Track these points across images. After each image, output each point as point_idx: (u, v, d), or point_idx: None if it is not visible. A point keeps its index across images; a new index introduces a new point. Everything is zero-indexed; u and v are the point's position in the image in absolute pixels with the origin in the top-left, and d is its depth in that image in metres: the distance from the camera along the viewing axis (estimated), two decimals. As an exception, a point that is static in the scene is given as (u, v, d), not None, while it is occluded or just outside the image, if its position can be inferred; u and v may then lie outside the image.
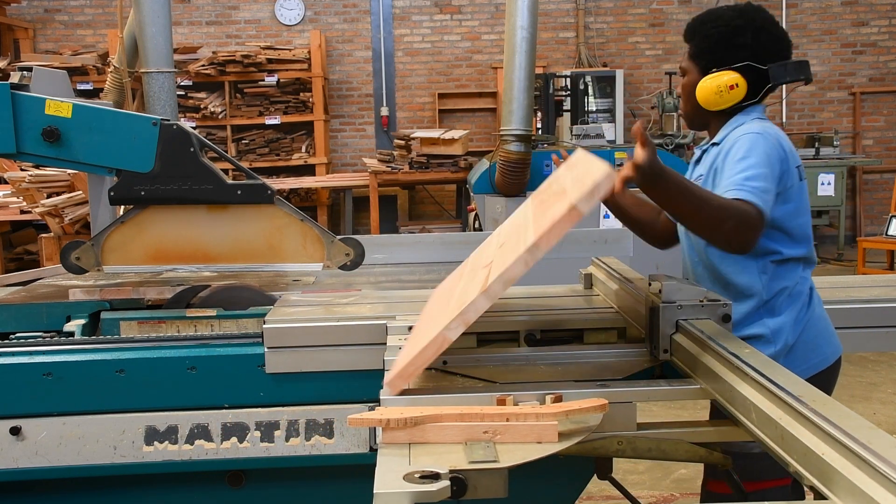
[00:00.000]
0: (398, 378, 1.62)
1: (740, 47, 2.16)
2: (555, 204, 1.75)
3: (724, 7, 2.25)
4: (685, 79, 2.26)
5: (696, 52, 2.22)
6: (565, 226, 1.54)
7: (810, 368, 2.15)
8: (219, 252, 2.64)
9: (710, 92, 2.17)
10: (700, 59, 2.22)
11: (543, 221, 1.65)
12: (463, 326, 1.57)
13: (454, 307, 1.69)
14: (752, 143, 2.05)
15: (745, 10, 2.21)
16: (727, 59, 2.17)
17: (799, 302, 2.16)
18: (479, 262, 2.04)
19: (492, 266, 1.76)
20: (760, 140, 2.06)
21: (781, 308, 2.14)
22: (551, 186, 2.13)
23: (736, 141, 2.10)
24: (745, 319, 2.14)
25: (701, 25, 2.23)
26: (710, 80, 2.17)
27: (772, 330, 2.12)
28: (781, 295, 2.14)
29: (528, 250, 1.55)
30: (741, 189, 1.95)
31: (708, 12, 2.24)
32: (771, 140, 2.08)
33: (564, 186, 1.86)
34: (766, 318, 2.14)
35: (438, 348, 1.59)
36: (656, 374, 1.94)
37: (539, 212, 1.86)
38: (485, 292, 1.58)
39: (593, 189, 1.52)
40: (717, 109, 2.20)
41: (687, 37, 2.26)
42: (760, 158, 2.02)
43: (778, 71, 2.16)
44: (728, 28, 2.18)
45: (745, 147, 2.05)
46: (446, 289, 2.18)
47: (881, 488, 1.06)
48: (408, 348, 1.81)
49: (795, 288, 2.16)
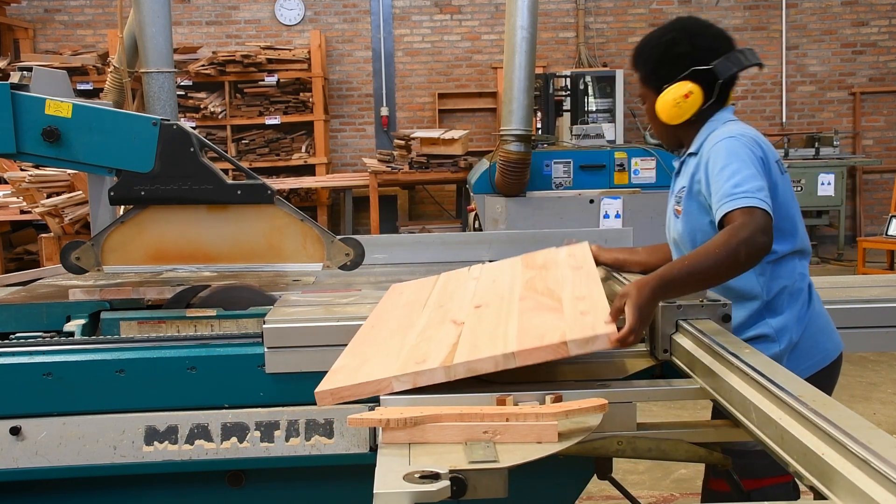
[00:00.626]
0: (331, 396, 1.62)
1: (680, 57, 2.20)
2: (546, 313, 1.78)
3: (655, 28, 2.32)
4: (646, 106, 2.32)
5: (644, 77, 2.29)
6: (549, 355, 1.59)
7: (814, 365, 2.15)
8: (219, 252, 2.64)
9: (669, 107, 2.21)
10: (650, 83, 2.27)
11: (529, 331, 1.68)
12: (411, 385, 1.60)
13: (410, 355, 1.70)
14: (729, 149, 2.06)
15: (674, 24, 2.29)
16: (673, 73, 2.21)
17: (799, 300, 2.17)
18: (451, 306, 2.06)
19: (462, 333, 1.78)
20: (735, 143, 2.07)
21: (782, 307, 2.15)
22: (548, 271, 2.18)
23: (712, 149, 2.11)
24: (748, 321, 2.14)
25: (640, 52, 2.30)
26: (665, 96, 2.21)
27: (775, 329, 2.13)
28: (781, 294, 2.15)
29: (504, 356, 1.59)
30: (734, 199, 1.96)
31: (643, 38, 2.31)
32: (746, 140, 2.09)
33: (561, 294, 1.90)
34: (767, 318, 2.14)
35: (379, 390, 1.60)
36: (656, 374, 1.94)
37: (528, 306, 1.89)
38: (446, 368, 1.60)
39: (590, 340, 1.59)
40: (683, 121, 2.23)
41: (633, 67, 2.33)
42: (742, 161, 2.03)
43: (723, 65, 2.19)
44: (662, 44, 2.24)
45: (724, 155, 2.06)
46: (408, 303, 2.18)
47: (881, 488, 1.06)
48: (353, 356, 1.81)
49: (794, 286, 2.16)
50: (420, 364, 1.62)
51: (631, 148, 6.78)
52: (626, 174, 6.51)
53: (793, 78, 10.92)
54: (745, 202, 1.94)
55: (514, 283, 2.14)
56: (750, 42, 10.83)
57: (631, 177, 6.52)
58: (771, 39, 10.88)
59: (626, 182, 6.52)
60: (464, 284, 2.27)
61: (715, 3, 10.81)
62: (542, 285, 2.05)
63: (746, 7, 10.87)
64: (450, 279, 2.37)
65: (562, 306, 1.83)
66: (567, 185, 6.51)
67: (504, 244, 3.30)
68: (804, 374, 2.08)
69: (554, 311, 1.80)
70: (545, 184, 6.49)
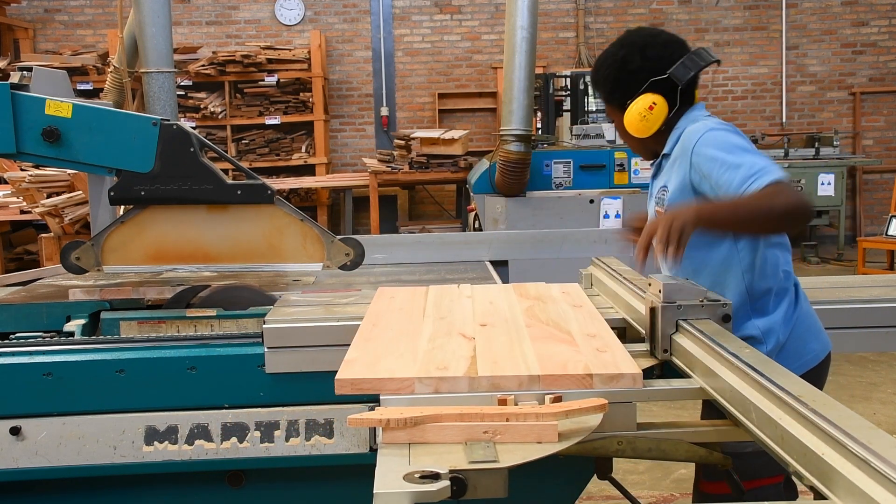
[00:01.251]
0: (350, 385, 1.62)
1: (635, 72, 2.23)
2: (559, 344, 1.81)
3: (607, 47, 2.34)
4: (615, 125, 2.36)
5: (606, 97, 2.32)
6: (573, 385, 1.60)
7: (802, 366, 2.15)
8: (219, 252, 2.64)
9: (636, 121, 2.24)
10: (613, 102, 2.30)
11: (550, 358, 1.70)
12: (433, 390, 1.60)
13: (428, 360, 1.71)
14: (721, 140, 2.08)
15: (623, 40, 2.30)
16: (632, 89, 2.24)
17: (786, 300, 2.17)
18: (452, 319, 2.07)
19: (476, 347, 1.80)
20: (721, 134, 2.10)
21: (769, 307, 2.15)
22: (545, 304, 2.22)
23: (699, 145, 2.10)
24: (734, 323, 2.14)
25: (597, 74, 2.33)
26: (630, 113, 2.24)
27: (762, 330, 2.13)
28: (767, 295, 2.15)
29: (529, 377, 1.61)
30: (755, 179, 1.96)
31: (597, 60, 2.35)
32: (730, 128, 2.14)
33: (569, 328, 1.94)
34: (754, 318, 2.14)
35: (401, 389, 1.60)
36: (656, 374, 1.94)
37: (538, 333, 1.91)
38: (471, 379, 1.61)
39: (615, 378, 1.61)
40: (653, 132, 2.25)
41: (594, 90, 2.44)
42: (739, 146, 2.05)
43: (679, 71, 2.20)
44: (616, 62, 2.26)
45: (720, 146, 2.07)
46: (403, 309, 2.18)
47: (881, 488, 1.06)
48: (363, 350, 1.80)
49: (780, 286, 2.17)
50: (443, 371, 1.63)
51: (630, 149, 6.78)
52: (626, 174, 6.51)
53: (793, 78, 10.92)
54: (767, 178, 1.95)
55: (514, 309, 2.16)
56: (750, 42, 10.84)
57: (631, 177, 6.52)
58: (771, 39, 10.88)
59: (626, 182, 6.52)
60: (459, 300, 2.28)
61: (715, 3, 10.81)
62: (545, 316, 2.07)
63: (746, 7, 10.87)
64: (442, 293, 2.38)
65: (573, 339, 1.84)
66: (567, 185, 6.51)
67: (504, 244, 3.30)
68: (797, 372, 2.09)
69: (566, 343, 1.82)
70: (545, 184, 6.49)
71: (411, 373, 1.62)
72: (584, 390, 1.60)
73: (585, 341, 1.83)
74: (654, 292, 1.93)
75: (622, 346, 1.79)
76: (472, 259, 3.28)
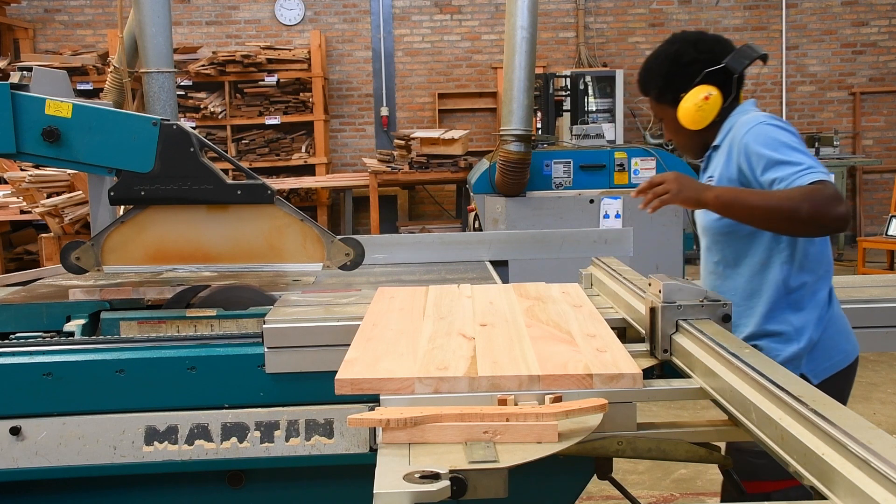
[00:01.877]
0: (350, 385, 1.62)
1: (689, 64, 2.26)
2: (560, 344, 1.82)
3: (654, 49, 2.37)
4: (665, 124, 2.36)
5: (658, 95, 2.33)
6: (573, 385, 1.61)
7: (833, 366, 2.16)
8: (219, 252, 2.64)
9: (692, 113, 2.25)
10: (666, 98, 2.31)
11: (550, 358, 1.70)
12: (433, 390, 1.60)
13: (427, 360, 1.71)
14: (771, 135, 2.10)
15: (674, 37, 2.35)
16: (687, 81, 2.26)
17: (821, 297, 2.18)
18: (452, 319, 2.07)
19: (476, 347, 1.80)
20: (773, 128, 2.11)
21: (804, 303, 2.15)
22: (545, 304, 2.21)
23: (749, 135, 2.13)
24: (769, 314, 2.15)
25: (648, 73, 2.35)
26: (686, 104, 2.25)
27: (795, 327, 2.13)
28: (803, 289, 2.15)
29: (529, 377, 1.61)
30: (799, 177, 2.00)
31: (645, 62, 2.37)
32: (782, 123, 2.14)
33: (569, 329, 1.93)
34: (788, 313, 2.14)
35: (401, 389, 1.60)
36: (656, 374, 1.94)
37: (538, 333, 1.91)
38: (471, 379, 1.61)
39: (615, 378, 1.61)
40: (708, 123, 2.26)
41: (644, 90, 2.38)
42: (787, 143, 2.07)
43: (734, 60, 2.24)
44: (669, 57, 2.29)
45: (769, 140, 2.09)
46: (403, 309, 2.19)
47: (881, 488, 1.06)
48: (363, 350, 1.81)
49: (817, 281, 2.18)
50: (443, 371, 1.62)
51: (631, 148, 6.78)
52: (626, 174, 6.51)
53: (793, 78, 10.92)
54: (810, 177, 1.99)
55: (514, 309, 2.16)
56: (750, 42, 10.83)
57: (631, 177, 6.51)
58: (771, 39, 10.88)
59: (626, 182, 6.51)
60: (459, 301, 2.28)
61: (715, 3, 10.81)
62: (545, 316, 2.07)
63: (746, 7, 10.87)
64: (442, 293, 2.38)
65: (573, 339, 1.84)
66: (567, 185, 6.50)
67: (504, 244, 3.30)
68: (824, 375, 2.10)
69: (566, 343, 1.82)
70: (545, 184, 6.48)
71: (411, 373, 1.62)
72: (584, 390, 1.60)
73: (585, 341, 1.83)
74: (654, 292, 1.93)
75: (622, 346, 1.79)
76: (472, 259, 3.27)
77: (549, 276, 2.64)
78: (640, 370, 1.65)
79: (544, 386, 1.59)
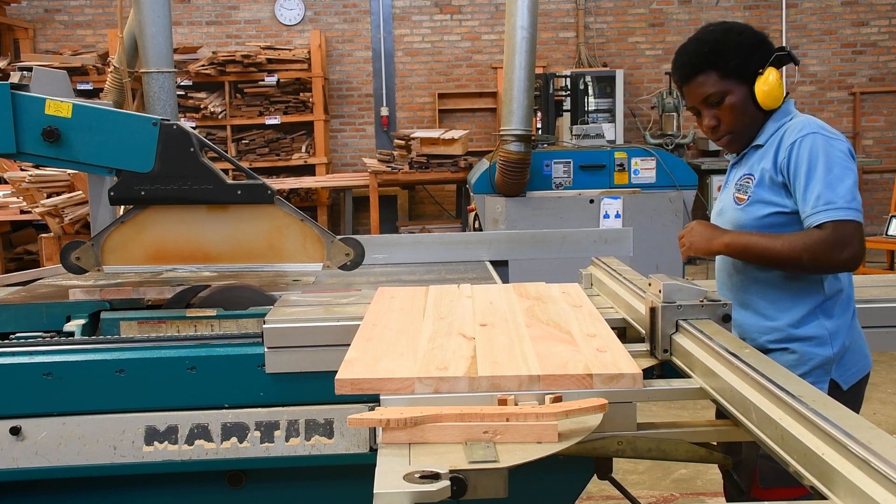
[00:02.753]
0: (350, 385, 1.62)
1: (763, 42, 2.20)
2: (559, 344, 1.82)
3: (711, 28, 2.26)
4: (730, 100, 2.17)
5: (731, 70, 2.16)
6: (573, 385, 1.61)
7: (859, 372, 2.17)
8: (219, 252, 2.64)
9: (774, 88, 2.15)
10: (739, 74, 2.17)
11: (550, 358, 1.70)
12: (433, 390, 1.60)
13: (428, 360, 1.71)
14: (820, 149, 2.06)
15: (725, 22, 2.27)
16: (765, 57, 2.17)
17: (850, 308, 2.20)
18: (452, 319, 2.07)
19: (476, 347, 1.80)
20: (825, 143, 2.07)
21: (835, 310, 2.15)
22: (545, 304, 2.21)
23: (801, 144, 2.08)
24: (804, 319, 2.14)
25: (722, 46, 2.17)
26: (769, 78, 2.15)
27: (829, 332, 2.13)
28: (838, 297, 2.16)
29: (529, 377, 1.61)
30: (828, 210, 2.00)
31: (711, 38, 2.20)
32: (834, 140, 2.09)
33: (569, 328, 1.94)
34: (823, 318, 2.13)
35: (401, 389, 1.61)
36: (656, 374, 1.94)
37: (538, 333, 1.92)
38: (471, 379, 1.61)
39: (615, 378, 1.61)
40: (780, 104, 2.19)
41: (710, 64, 2.17)
42: (831, 164, 2.03)
43: (783, 56, 2.19)
44: (747, 33, 2.20)
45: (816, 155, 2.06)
46: (403, 309, 2.19)
47: (881, 488, 1.06)
48: (363, 350, 1.81)
49: (846, 293, 2.19)
50: (443, 371, 1.63)
51: (631, 148, 6.78)
52: (626, 174, 6.51)
53: (793, 78, 10.92)
54: (838, 214, 1.99)
55: (514, 308, 2.16)
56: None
57: (631, 177, 6.52)
58: (771, 39, 10.88)
59: (626, 182, 6.52)
60: (459, 300, 2.28)
61: (715, 3, 10.81)
62: (545, 316, 2.07)
63: (746, 7, 10.87)
64: (442, 293, 2.38)
65: (573, 339, 1.84)
66: (567, 185, 6.51)
67: (504, 244, 3.30)
68: (851, 381, 2.11)
69: (566, 343, 1.82)
70: (545, 184, 6.49)
71: (411, 373, 1.63)
72: (584, 390, 1.60)
73: (585, 341, 1.83)
74: (654, 292, 1.93)
75: (622, 346, 1.79)
76: (472, 259, 3.27)
77: (549, 276, 2.64)
78: (640, 370, 1.65)
79: (544, 386, 1.59)
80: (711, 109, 2.20)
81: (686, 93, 2.24)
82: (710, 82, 2.17)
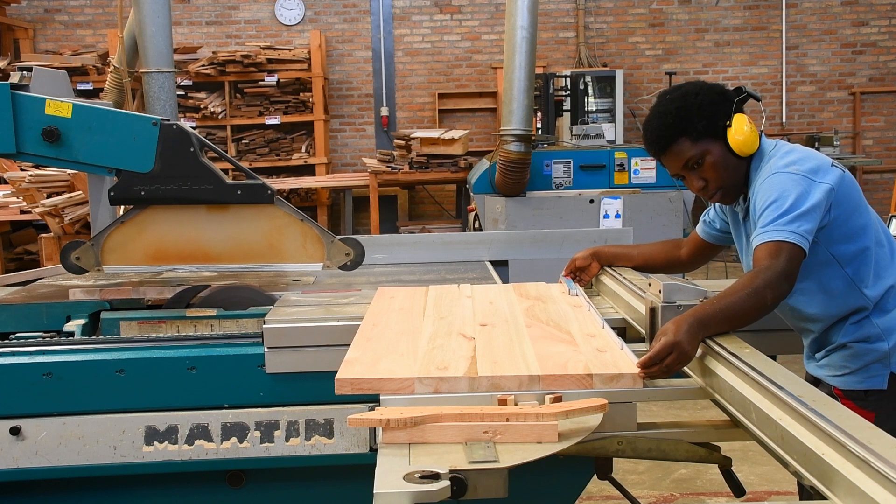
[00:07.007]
0: (350, 385, 1.62)
1: (722, 93, 2.20)
2: (559, 344, 1.82)
3: (666, 97, 2.24)
4: (709, 159, 2.16)
5: (700, 132, 2.16)
6: (573, 385, 1.61)
7: None
8: (219, 252, 2.64)
9: (748, 135, 2.15)
10: (709, 133, 2.17)
11: (549, 358, 1.70)
12: (433, 390, 1.61)
13: (428, 360, 1.71)
14: (775, 183, 2.05)
15: (678, 86, 2.26)
16: (727, 109, 2.17)
17: None
18: (452, 319, 2.08)
19: (476, 347, 1.80)
20: (780, 177, 2.06)
21: (888, 304, 2.12)
22: (545, 304, 2.21)
23: (760, 187, 2.09)
24: (852, 329, 2.12)
25: (684, 112, 2.17)
26: (739, 127, 2.15)
27: (882, 328, 2.10)
28: (890, 293, 2.12)
29: (529, 377, 1.61)
30: (766, 231, 1.97)
31: (670, 106, 2.19)
32: (787, 169, 2.07)
33: (569, 329, 1.92)
34: (875, 318, 2.11)
35: (401, 389, 1.60)
36: (656, 374, 1.94)
37: (538, 333, 1.92)
38: (471, 379, 1.61)
39: (615, 377, 1.62)
40: (755, 149, 2.18)
41: (678, 129, 2.16)
42: (778, 196, 2.01)
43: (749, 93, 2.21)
44: (704, 91, 2.20)
45: (770, 188, 2.05)
46: (403, 309, 2.19)
47: (881, 488, 1.06)
48: (363, 350, 1.81)
49: None
50: (443, 371, 1.63)
51: (631, 148, 6.78)
52: (626, 174, 6.51)
53: (793, 78, 10.92)
54: (775, 235, 1.94)
55: (514, 309, 2.16)
56: (750, 42, 10.84)
57: (631, 177, 6.52)
58: (771, 39, 10.88)
59: (626, 182, 6.52)
60: (459, 301, 2.28)
61: (715, 3, 10.81)
62: (545, 316, 2.07)
63: (746, 7, 10.87)
64: (442, 293, 2.38)
65: (573, 339, 1.85)
66: (567, 185, 6.50)
67: (504, 244, 3.30)
68: None
69: (566, 342, 1.82)
70: (545, 184, 6.48)
71: (411, 373, 1.63)
72: (584, 390, 1.60)
73: (586, 341, 1.83)
74: (654, 292, 1.93)
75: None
76: (472, 259, 3.27)
77: (549, 276, 2.64)
78: (639, 370, 1.65)
79: (544, 386, 1.59)
80: (695, 172, 2.19)
81: (665, 164, 2.23)
82: (685, 148, 2.17)
